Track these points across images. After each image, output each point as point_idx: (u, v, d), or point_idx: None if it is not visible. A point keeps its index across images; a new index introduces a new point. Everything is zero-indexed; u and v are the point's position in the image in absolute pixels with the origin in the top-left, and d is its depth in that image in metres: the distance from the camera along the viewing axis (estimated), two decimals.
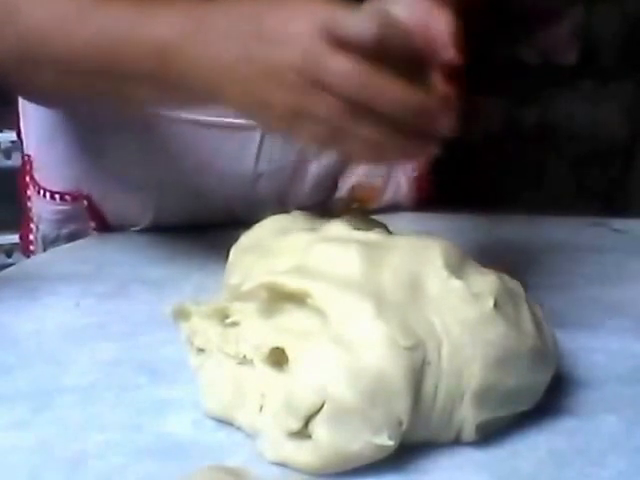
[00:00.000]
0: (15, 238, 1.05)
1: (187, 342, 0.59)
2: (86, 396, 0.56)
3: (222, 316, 0.57)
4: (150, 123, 0.80)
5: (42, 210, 0.90)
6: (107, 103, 0.74)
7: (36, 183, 0.89)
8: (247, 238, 0.66)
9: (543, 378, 0.55)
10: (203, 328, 0.58)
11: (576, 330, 0.65)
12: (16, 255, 1.54)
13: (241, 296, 0.56)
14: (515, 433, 0.52)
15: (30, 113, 0.88)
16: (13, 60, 0.68)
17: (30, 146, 0.90)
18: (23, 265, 0.83)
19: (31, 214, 0.93)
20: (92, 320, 0.67)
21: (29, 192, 0.92)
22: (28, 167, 0.91)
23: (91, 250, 0.84)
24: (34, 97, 0.80)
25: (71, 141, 0.85)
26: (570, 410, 0.55)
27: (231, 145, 0.82)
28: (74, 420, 0.53)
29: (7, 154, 1.69)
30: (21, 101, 0.89)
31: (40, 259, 0.85)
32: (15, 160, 1.51)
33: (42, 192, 0.88)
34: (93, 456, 0.49)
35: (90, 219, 0.87)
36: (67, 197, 0.87)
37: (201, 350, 0.58)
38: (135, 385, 0.57)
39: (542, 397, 0.54)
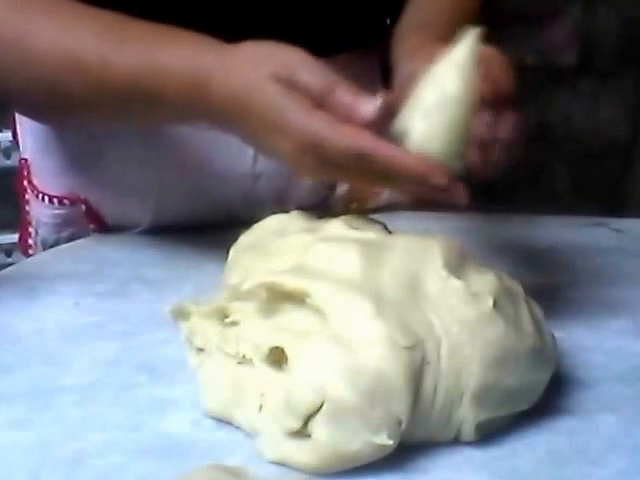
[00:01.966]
0: (15, 238, 1.04)
1: (187, 342, 0.60)
2: (85, 395, 0.56)
3: (222, 316, 0.57)
4: (148, 126, 0.79)
5: (41, 214, 0.89)
6: (130, 123, 0.76)
7: (34, 187, 0.89)
8: (246, 238, 0.66)
9: (542, 378, 0.55)
10: (203, 328, 0.58)
11: (575, 330, 0.65)
12: (16, 254, 1.54)
13: (241, 296, 0.56)
14: (514, 432, 0.52)
15: (26, 118, 0.88)
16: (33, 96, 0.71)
17: (26, 150, 0.90)
18: (23, 265, 0.83)
19: (29, 217, 0.92)
20: (92, 319, 0.67)
21: (27, 196, 0.91)
22: (25, 171, 0.90)
23: (91, 250, 0.84)
24: (52, 124, 0.82)
25: (68, 145, 0.85)
26: (569, 409, 0.55)
27: (230, 145, 0.82)
28: (73, 419, 0.53)
29: (7, 154, 1.68)
30: None
31: (40, 259, 0.85)
32: (15, 160, 1.51)
33: (40, 196, 0.88)
34: (92, 455, 0.49)
35: (89, 222, 0.87)
36: (65, 201, 0.87)
37: (201, 349, 0.58)
38: (135, 384, 0.57)
39: (541, 397, 0.54)
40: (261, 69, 0.59)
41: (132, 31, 0.66)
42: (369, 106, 0.57)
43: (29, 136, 0.89)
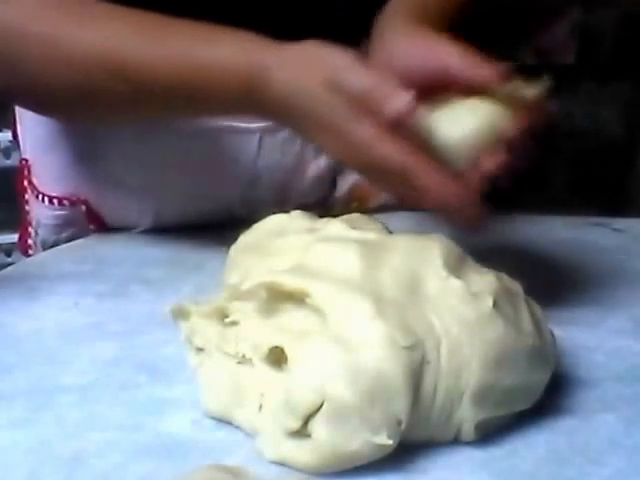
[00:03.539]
0: (15, 238, 1.04)
1: (186, 341, 0.60)
2: (85, 395, 0.56)
3: (221, 315, 0.57)
4: (148, 127, 0.79)
5: (41, 215, 0.89)
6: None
7: (34, 188, 0.89)
8: (246, 238, 0.66)
9: (542, 377, 0.55)
10: (202, 327, 0.58)
11: (575, 329, 0.65)
12: (16, 254, 1.54)
13: (240, 295, 0.56)
14: (514, 432, 0.52)
15: (27, 118, 0.87)
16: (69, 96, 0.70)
17: (27, 150, 0.90)
18: (22, 264, 0.83)
19: (29, 218, 0.92)
20: (91, 319, 0.67)
21: (27, 196, 0.91)
22: (26, 171, 0.90)
23: (90, 250, 0.84)
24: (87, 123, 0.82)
25: (68, 146, 0.85)
26: (569, 409, 0.55)
27: (230, 146, 0.82)
28: (73, 419, 0.53)
29: (7, 154, 1.69)
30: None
31: (39, 258, 0.85)
32: (15, 160, 1.51)
33: (40, 197, 0.88)
34: (92, 455, 0.49)
35: (89, 223, 0.87)
36: (65, 202, 0.87)
37: (200, 349, 0.58)
38: (134, 384, 0.57)
39: (541, 396, 0.54)
40: (312, 75, 0.61)
41: (173, 29, 0.66)
42: (401, 100, 0.58)
43: (29, 136, 0.89)
